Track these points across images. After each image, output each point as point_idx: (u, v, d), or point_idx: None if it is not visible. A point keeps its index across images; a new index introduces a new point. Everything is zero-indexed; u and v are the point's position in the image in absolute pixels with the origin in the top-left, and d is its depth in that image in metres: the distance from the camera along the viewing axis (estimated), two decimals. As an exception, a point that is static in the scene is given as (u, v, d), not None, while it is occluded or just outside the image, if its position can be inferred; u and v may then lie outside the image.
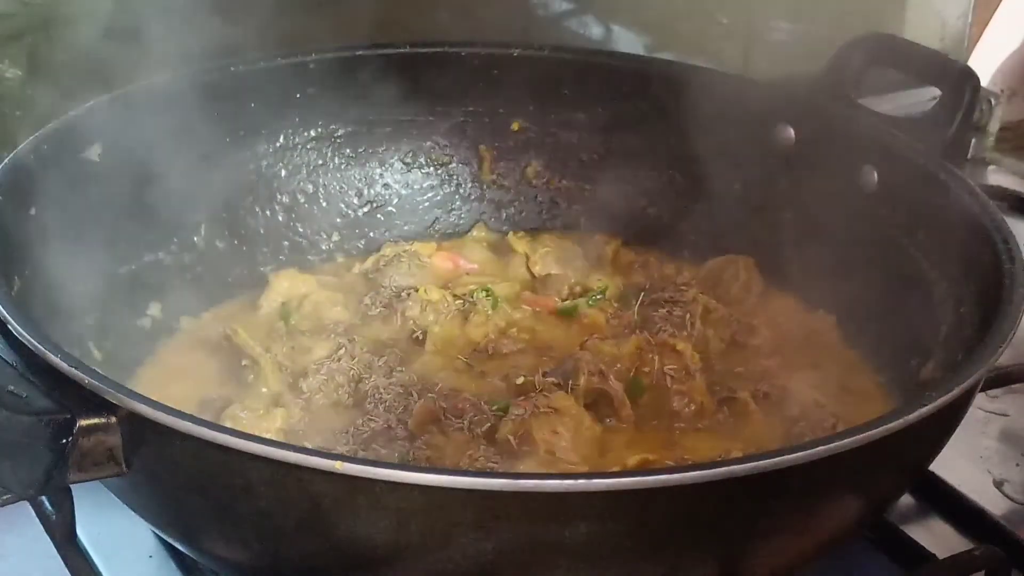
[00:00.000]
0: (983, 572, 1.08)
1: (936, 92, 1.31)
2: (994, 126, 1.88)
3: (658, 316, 1.26)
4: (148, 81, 1.26)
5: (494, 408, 1.11)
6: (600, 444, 1.09)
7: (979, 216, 1.14)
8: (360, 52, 1.40)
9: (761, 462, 0.82)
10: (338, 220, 1.43)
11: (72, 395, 0.85)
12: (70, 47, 1.35)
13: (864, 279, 1.27)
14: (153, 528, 1.04)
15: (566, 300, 1.34)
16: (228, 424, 1.09)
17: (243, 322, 1.25)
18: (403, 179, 1.46)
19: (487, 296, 1.29)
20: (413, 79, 1.42)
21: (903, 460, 0.97)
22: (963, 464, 1.23)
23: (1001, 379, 1.31)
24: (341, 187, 1.43)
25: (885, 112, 1.35)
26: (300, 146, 1.40)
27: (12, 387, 0.87)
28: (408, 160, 1.46)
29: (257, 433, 1.05)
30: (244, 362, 1.18)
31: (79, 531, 1.07)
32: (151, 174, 1.24)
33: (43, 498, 1.08)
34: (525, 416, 1.07)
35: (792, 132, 1.35)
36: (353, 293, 1.33)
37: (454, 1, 1.57)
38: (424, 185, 1.47)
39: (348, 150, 1.43)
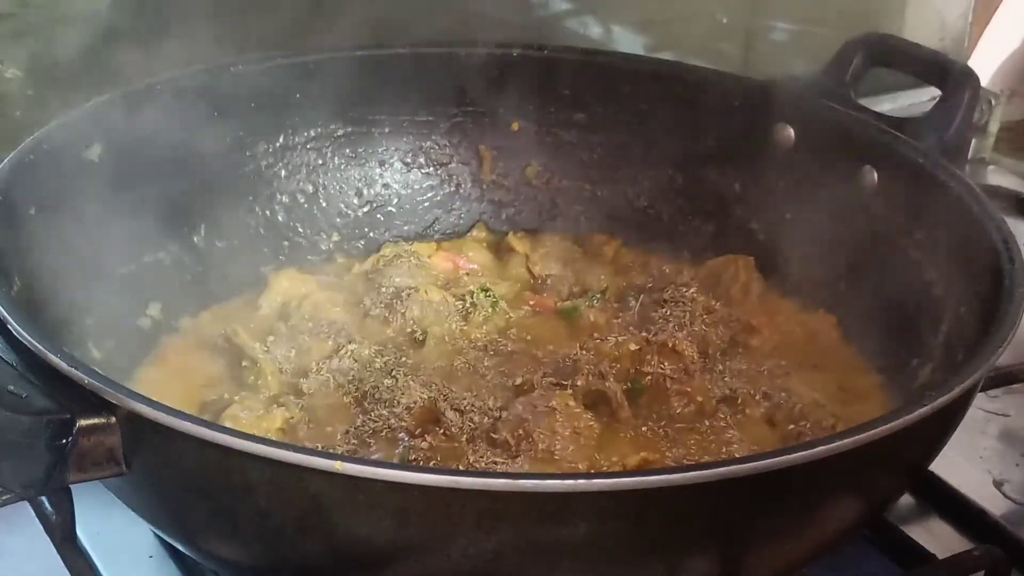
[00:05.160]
0: (983, 572, 1.08)
1: (936, 92, 1.31)
2: (994, 126, 1.88)
3: (658, 316, 1.26)
4: (148, 81, 1.26)
5: (494, 408, 1.11)
6: (600, 444, 1.09)
7: (979, 216, 1.14)
8: (360, 52, 1.40)
9: (761, 462, 0.82)
10: (338, 220, 1.43)
11: (72, 395, 0.85)
12: (70, 47, 1.35)
13: (864, 279, 1.27)
14: (153, 528, 1.04)
15: (566, 300, 1.34)
16: (228, 424, 1.09)
17: (243, 322, 1.25)
18: (403, 179, 1.46)
19: (487, 296, 1.29)
20: (413, 79, 1.42)
21: (903, 460, 0.97)
22: (963, 464, 1.23)
23: (1001, 379, 1.31)
24: (341, 187, 1.43)
25: (885, 112, 1.35)
26: (300, 146, 1.40)
27: (12, 387, 0.87)
28: (408, 160, 1.46)
29: (257, 433, 1.05)
30: (244, 362, 1.18)
31: (79, 531, 1.06)
32: (151, 174, 1.24)
33: (43, 498, 1.08)
34: (525, 416, 1.07)
35: (792, 132, 1.35)
36: (353, 293, 1.33)
37: (454, 1, 1.57)
38: (424, 185, 1.47)
39: (348, 150, 1.43)
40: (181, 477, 0.88)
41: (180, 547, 1.02)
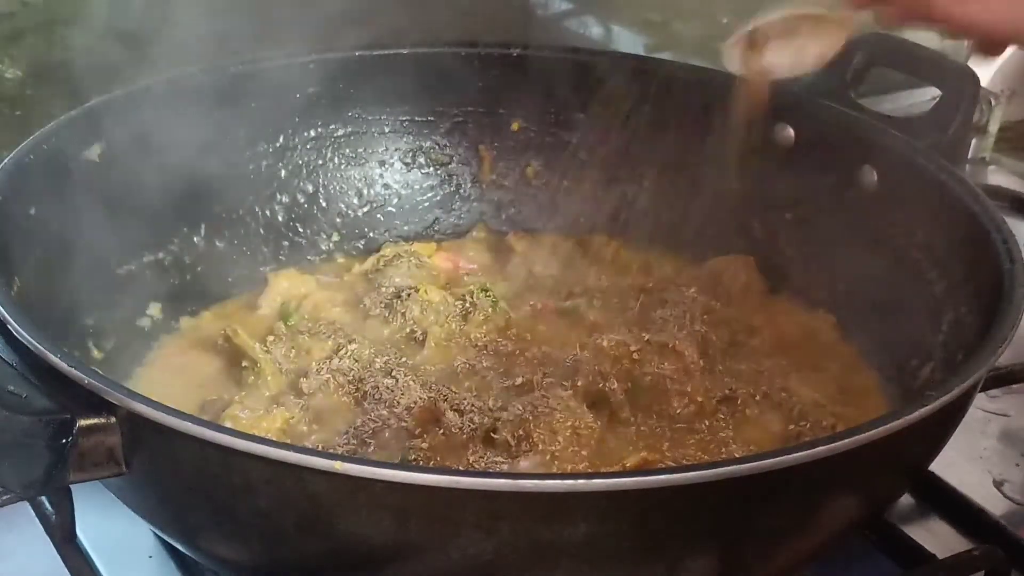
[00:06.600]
0: (983, 572, 1.08)
1: (936, 92, 1.31)
2: (994, 126, 1.88)
3: (658, 316, 1.26)
4: (148, 81, 1.26)
5: (494, 408, 1.11)
6: (600, 444, 1.09)
7: (979, 216, 1.14)
8: (360, 52, 1.40)
9: (761, 462, 0.82)
10: (338, 220, 1.43)
11: (72, 395, 0.85)
12: (70, 47, 1.35)
13: (864, 279, 1.27)
14: (153, 528, 1.04)
15: (566, 300, 1.34)
16: (228, 424, 1.09)
17: (243, 322, 1.25)
18: (403, 179, 1.46)
19: (487, 296, 1.29)
20: (413, 79, 1.42)
21: (903, 460, 0.97)
22: (963, 464, 1.23)
23: (1001, 379, 1.31)
24: (341, 187, 1.43)
25: (885, 112, 1.35)
26: (300, 146, 1.40)
27: (12, 387, 0.87)
28: (408, 160, 1.46)
29: (257, 433, 1.05)
30: (244, 362, 1.18)
31: (79, 531, 1.07)
32: (151, 174, 1.24)
33: (43, 498, 1.08)
34: (525, 416, 1.07)
35: (792, 132, 1.35)
36: (353, 293, 1.33)
37: (454, 1, 1.57)
38: (424, 185, 1.47)
39: (348, 150, 1.43)
40: (181, 477, 0.88)
41: (180, 547, 1.02)
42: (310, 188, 1.41)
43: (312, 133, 1.41)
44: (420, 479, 0.80)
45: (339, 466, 0.80)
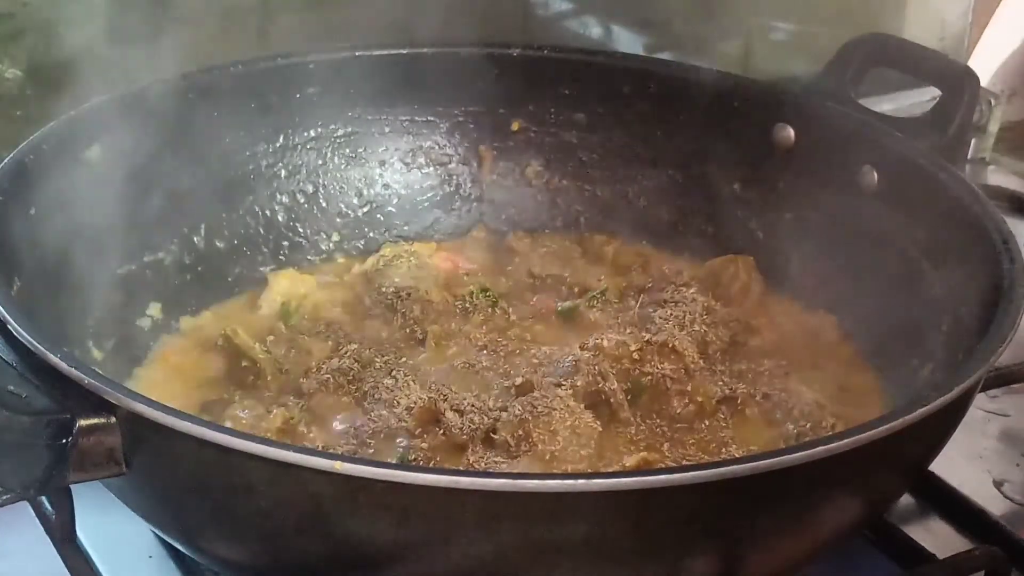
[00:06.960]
0: (983, 572, 1.08)
1: (936, 92, 1.31)
2: (994, 126, 1.88)
3: (658, 316, 1.26)
4: (148, 81, 1.26)
5: (494, 408, 1.11)
6: (600, 444, 1.09)
7: (979, 216, 1.14)
8: (360, 52, 1.40)
9: (761, 462, 0.82)
10: (338, 220, 1.43)
11: (72, 395, 0.85)
12: (70, 47, 1.35)
13: (864, 279, 1.27)
14: (153, 528, 1.04)
15: (566, 300, 1.34)
16: (228, 424, 1.09)
17: (243, 322, 1.25)
18: (403, 179, 1.46)
19: (487, 296, 1.29)
20: (413, 79, 1.42)
21: (903, 460, 0.97)
22: (963, 464, 1.23)
23: (1001, 379, 1.31)
24: (341, 187, 1.43)
25: (885, 112, 1.35)
26: (300, 146, 1.40)
27: (12, 387, 0.87)
28: (408, 160, 1.46)
29: (257, 433, 1.05)
30: (244, 362, 1.18)
31: (79, 531, 1.07)
32: (150, 174, 1.24)
33: (43, 498, 1.08)
34: (525, 416, 1.07)
35: (792, 132, 1.35)
36: (353, 293, 1.33)
37: (454, 1, 1.57)
38: (424, 185, 1.47)
39: (348, 150, 1.43)
40: (181, 477, 0.88)
41: (180, 547, 1.02)
42: (310, 188, 1.41)
43: (312, 133, 1.40)
44: (420, 479, 0.80)
45: (339, 466, 0.80)
